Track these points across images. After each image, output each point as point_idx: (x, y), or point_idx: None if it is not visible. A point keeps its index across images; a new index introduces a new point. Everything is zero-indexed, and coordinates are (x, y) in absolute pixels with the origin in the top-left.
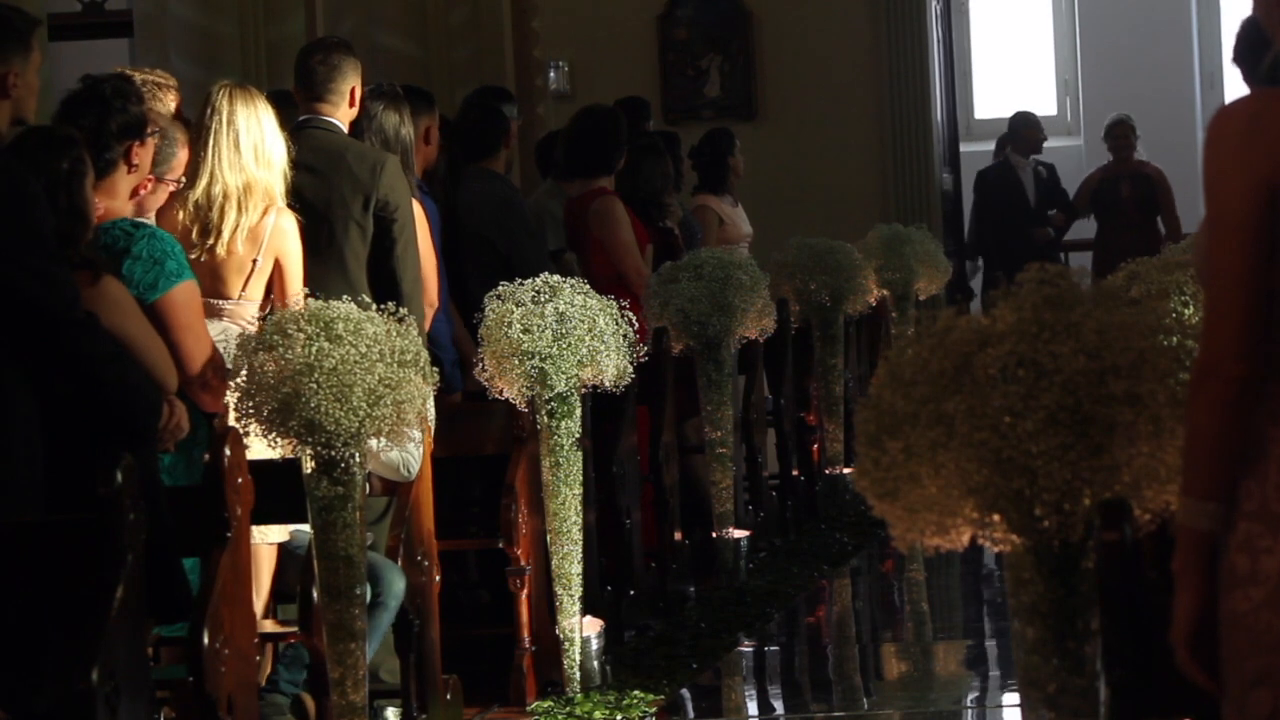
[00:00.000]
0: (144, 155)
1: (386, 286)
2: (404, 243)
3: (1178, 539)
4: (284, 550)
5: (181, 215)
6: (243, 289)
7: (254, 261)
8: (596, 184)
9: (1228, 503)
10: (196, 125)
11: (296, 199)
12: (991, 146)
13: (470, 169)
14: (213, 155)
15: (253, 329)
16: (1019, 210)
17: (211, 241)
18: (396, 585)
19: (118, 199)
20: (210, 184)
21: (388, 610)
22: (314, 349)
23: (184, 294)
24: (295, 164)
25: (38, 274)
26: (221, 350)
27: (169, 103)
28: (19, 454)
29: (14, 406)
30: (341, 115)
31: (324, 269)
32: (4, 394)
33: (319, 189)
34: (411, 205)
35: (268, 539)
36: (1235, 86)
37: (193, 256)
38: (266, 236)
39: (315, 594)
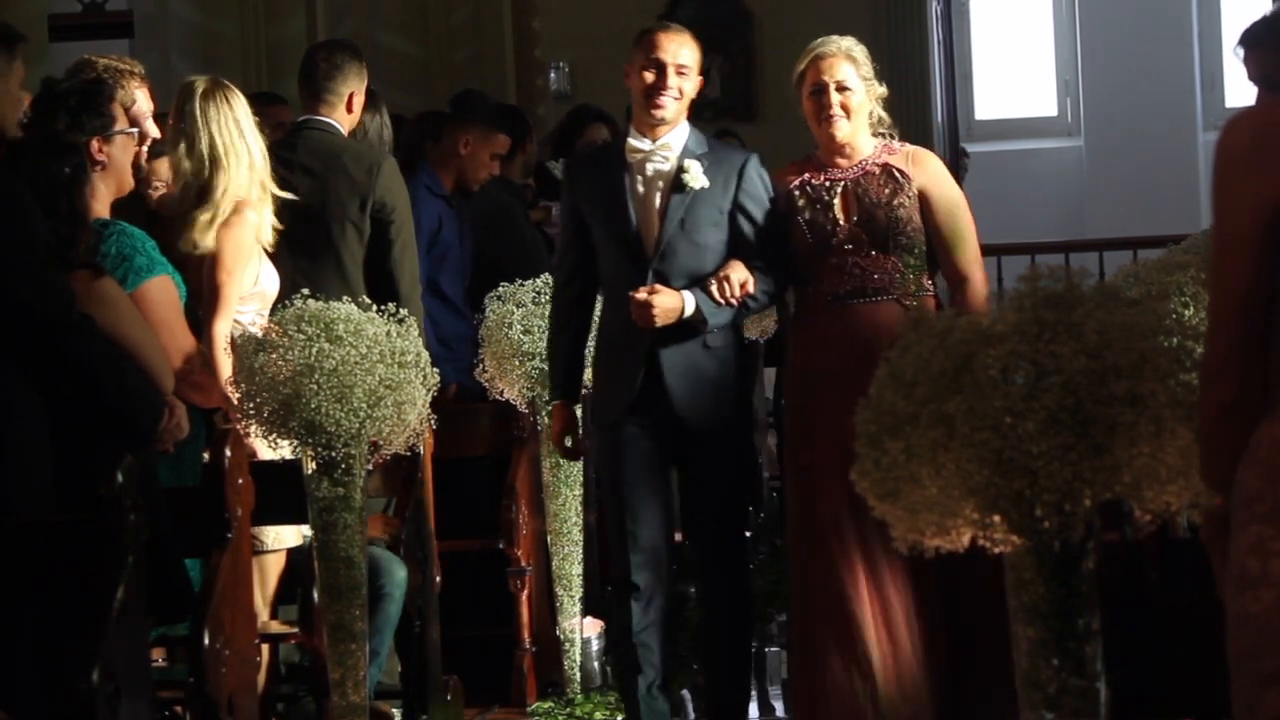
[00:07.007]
0: (111, 151)
1: (384, 287)
2: (401, 244)
3: (1203, 514)
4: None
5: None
6: None
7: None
8: None
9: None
10: (171, 126)
11: (293, 200)
12: (993, 147)
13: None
14: (182, 153)
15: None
16: None
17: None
18: (398, 574)
19: (98, 200)
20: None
21: (394, 600)
22: (314, 350)
23: (156, 290)
24: (292, 165)
25: (29, 279)
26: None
27: (133, 90)
28: (28, 455)
29: (20, 409)
30: (339, 117)
31: (321, 270)
32: (10, 397)
33: (316, 190)
34: (409, 206)
35: (285, 543)
36: (1235, 87)
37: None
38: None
39: (316, 595)
